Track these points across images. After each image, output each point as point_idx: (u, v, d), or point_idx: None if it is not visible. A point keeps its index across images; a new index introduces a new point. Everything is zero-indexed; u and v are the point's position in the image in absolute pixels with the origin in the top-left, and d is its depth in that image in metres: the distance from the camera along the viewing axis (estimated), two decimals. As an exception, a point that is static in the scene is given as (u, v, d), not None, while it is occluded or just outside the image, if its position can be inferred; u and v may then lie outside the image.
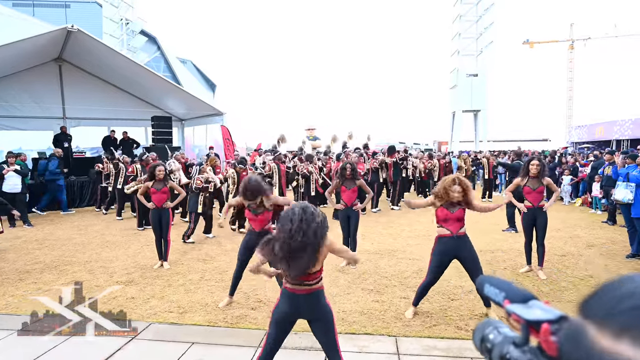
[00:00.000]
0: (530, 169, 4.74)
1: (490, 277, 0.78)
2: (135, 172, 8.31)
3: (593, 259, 5.57)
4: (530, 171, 4.75)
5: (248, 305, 4.04)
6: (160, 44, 32.74)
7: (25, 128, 11.67)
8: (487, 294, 0.76)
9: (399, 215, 9.22)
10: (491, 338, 0.73)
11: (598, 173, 9.15)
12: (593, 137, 19.71)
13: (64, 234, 7.40)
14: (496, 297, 0.73)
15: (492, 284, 0.75)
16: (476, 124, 27.44)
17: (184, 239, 6.72)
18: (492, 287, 0.74)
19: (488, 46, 26.86)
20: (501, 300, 0.72)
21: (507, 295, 0.71)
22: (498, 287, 0.73)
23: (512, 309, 0.68)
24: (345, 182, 5.32)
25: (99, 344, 3.28)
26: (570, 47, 41.52)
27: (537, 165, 4.70)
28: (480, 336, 0.76)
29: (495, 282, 0.75)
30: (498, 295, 0.73)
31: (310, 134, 16.99)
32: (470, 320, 3.66)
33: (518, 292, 0.71)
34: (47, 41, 9.83)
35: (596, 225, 7.99)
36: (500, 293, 0.72)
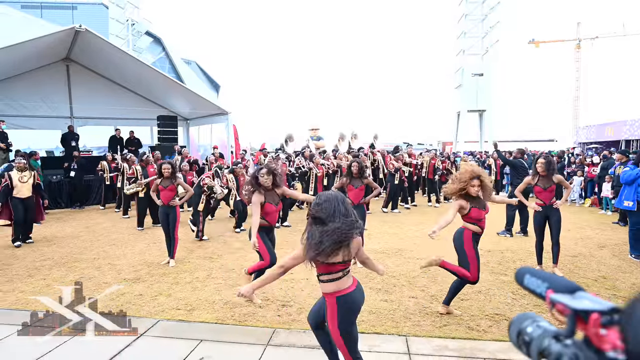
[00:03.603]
0: (537, 168, 4.75)
1: (530, 268, 0.74)
2: (135, 173, 8.09)
3: (605, 259, 5.49)
4: (538, 170, 4.74)
5: (256, 303, 4.01)
6: (165, 45, 32.94)
7: (34, 127, 11.78)
8: (527, 285, 0.72)
9: (405, 215, 9.17)
10: (529, 331, 0.69)
11: (608, 173, 9.04)
12: (602, 138, 19.49)
13: (72, 232, 7.43)
14: (538, 288, 0.70)
15: (533, 275, 0.71)
16: (481, 124, 27.28)
17: (199, 237, 6.77)
18: (534, 278, 0.71)
19: (493, 45, 26.70)
20: (544, 290, 0.68)
21: (551, 285, 0.67)
22: (540, 278, 0.70)
23: (558, 298, 0.64)
24: (352, 181, 5.28)
25: (107, 341, 3.27)
26: (577, 46, 41.15)
27: (543, 164, 4.69)
28: (517, 329, 0.72)
29: (537, 273, 0.72)
30: (540, 285, 0.69)
31: (313, 134, 17.00)
32: (481, 320, 3.61)
33: (563, 282, 0.67)
34: (55, 41, 9.90)
35: (607, 226, 7.88)
36: (543, 283, 0.69)
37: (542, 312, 3.64)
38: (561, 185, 4.87)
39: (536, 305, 3.88)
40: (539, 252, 4.98)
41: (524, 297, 4.03)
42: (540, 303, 3.91)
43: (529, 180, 4.88)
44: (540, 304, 3.89)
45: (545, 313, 3.52)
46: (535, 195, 4.90)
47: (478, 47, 27.09)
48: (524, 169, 7.21)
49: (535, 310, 3.72)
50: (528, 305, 3.87)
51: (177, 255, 5.45)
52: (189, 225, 7.15)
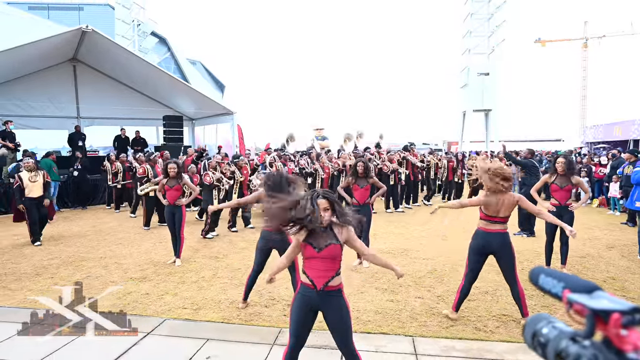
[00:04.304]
0: (557, 167, 4.74)
1: (545, 267, 0.73)
2: (146, 172, 8.19)
3: (614, 260, 5.42)
4: (557, 169, 4.74)
5: (262, 303, 4.01)
6: (170, 45, 33.07)
7: (41, 127, 11.88)
8: (542, 285, 0.70)
9: (411, 215, 9.13)
10: (545, 332, 0.68)
11: (617, 173, 8.93)
12: (610, 137, 19.28)
13: (79, 231, 7.49)
14: (554, 288, 0.68)
15: (548, 274, 0.70)
16: (487, 124, 27.06)
17: (203, 235, 6.80)
18: (549, 278, 0.69)
19: (500, 44, 26.48)
20: (560, 290, 0.67)
21: (568, 284, 0.66)
22: (556, 278, 0.68)
23: (576, 298, 0.63)
24: (358, 180, 5.26)
25: (115, 339, 3.28)
26: (584, 45, 40.73)
27: (563, 163, 4.69)
28: (532, 331, 0.70)
29: (552, 273, 0.70)
30: (556, 285, 0.67)
31: (318, 134, 16.97)
32: (488, 321, 3.58)
33: (580, 281, 0.65)
34: (62, 42, 9.99)
35: (615, 226, 7.79)
36: (559, 283, 0.67)
37: (552, 313, 3.60)
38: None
39: (544, 307, 3.84)
40: (548, 253, 4.94)
41: (532, 297, 3.99)
42: (549, 304, 3.87)
43: (546, 179, 4.88)
44: (549, 305, 3.85)
45: (557, 313, 3.48)
46: (550, 194, 4.90)
47: (484, 46, 26.87)
48: (535, 169, 7.18)
49: (545, 312, 3.68)
50: (536, 307, 3.83)
51: (183, 255, 5.46)
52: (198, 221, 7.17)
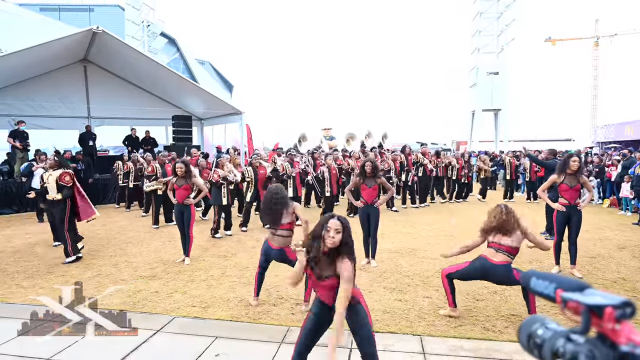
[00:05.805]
0: (571, 166, 4.66)
1: (535, 271, 0.74)
2: (155, 171, 8.31)
3: (625, 261, 5.35)
4: (571, 167, 4.67)
5: (270, 301, 4.04)
6: (179, 46, 33.33)
7: (53, 127, 12.06)
8: (534, 288, 0.72)
9: (419, 215, 9.09)
10: (540, 334, 0.70)
11: (628, 173, 8.80)
12: (621, 137, 18.98)
13: (89, 230, 7.59)
14: (546, 290, 0.69)
15: (539, 277, 0.71)
16: (497, 124, 26.80)
17: (212, 234, 6.86)
18: (540, 280, 0.70)
19: (509, 43, 26.22)
20: (552, 291, 0.68)
21: (559, 284, 0.67)
22: (547, 279, 0.69)
23: (570, 296, 0.64)
24: (365, 180, 5.26)
25: (124, 336, 3.33)
26: (595, 44, 40.09)
27: (578, 161, 4.66)
28: (527, 333, 0.72)
29: (543, 275, 0.71)
30: (548, 286, 0.69)
31: (326, 134, 16.99)
32: (497, 321, 3.57)
33: (571, 281, 0.67)
34: (73, 43, 10.13)
35: (626, 227, 7.68)
36: (550, 284, 0.69)
37: (559, 312, 3.57)
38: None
39: (553, 306, 3.80)
40: (557, 253, 4.89)
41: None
42: (556, 304, 3.83)
43: (555, 179, 4.80)
44: (556, 305, 3.81)
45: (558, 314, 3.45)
46: (560, 194, 4.82)
47: (493, 46, 26.62)
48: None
49: (552, 311, 3.66)
50: (545, 307, 3.80)
51: (192, 254, 5.52)
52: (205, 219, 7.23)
